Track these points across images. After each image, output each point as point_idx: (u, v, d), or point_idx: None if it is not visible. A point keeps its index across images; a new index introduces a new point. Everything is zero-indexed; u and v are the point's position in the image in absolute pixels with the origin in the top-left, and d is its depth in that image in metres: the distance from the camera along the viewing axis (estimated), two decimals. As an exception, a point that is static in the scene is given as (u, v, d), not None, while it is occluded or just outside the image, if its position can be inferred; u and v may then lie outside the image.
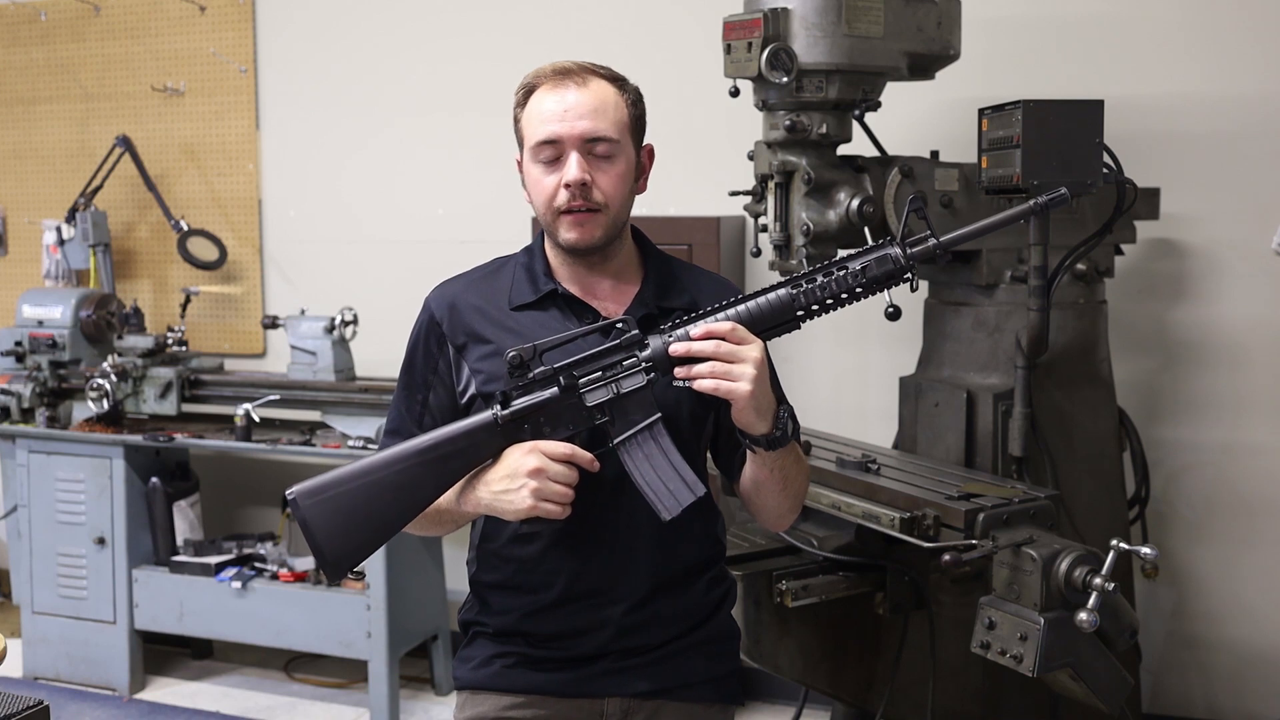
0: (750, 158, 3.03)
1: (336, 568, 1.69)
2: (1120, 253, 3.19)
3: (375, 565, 3.79)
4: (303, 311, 4.20)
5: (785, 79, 2.74)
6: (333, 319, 4.09)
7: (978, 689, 2.81)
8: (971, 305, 3.05)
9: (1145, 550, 2.20)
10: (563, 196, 1.74)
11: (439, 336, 1.85)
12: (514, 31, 4.18)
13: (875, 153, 3.04)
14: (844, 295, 1.67)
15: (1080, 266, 2.96)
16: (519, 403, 1.69)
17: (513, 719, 1.86)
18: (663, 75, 4.04)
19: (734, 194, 3.17)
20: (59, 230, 4.64)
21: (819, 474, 2.69)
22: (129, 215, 4.78)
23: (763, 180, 2.95)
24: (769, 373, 1.72)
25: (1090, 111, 2.66)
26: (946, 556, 2.28)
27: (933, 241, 1.67)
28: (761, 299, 1.68)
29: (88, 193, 4.57)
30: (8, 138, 4.98)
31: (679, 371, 1.65)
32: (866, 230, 2.83)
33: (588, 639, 1.82)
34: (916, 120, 3.50)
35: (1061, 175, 2.62)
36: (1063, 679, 2.29)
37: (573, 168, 1.73)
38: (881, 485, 2.58)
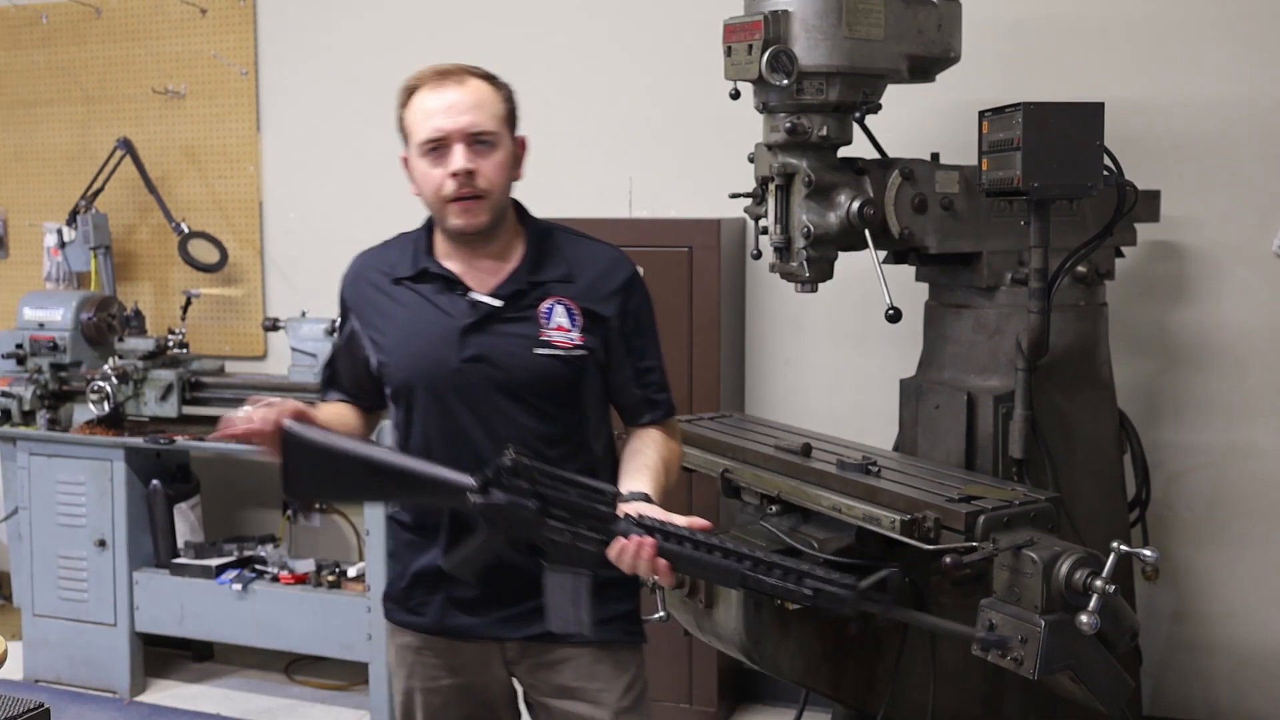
0: (751, 160, 3.02)
1: (292, 496, 1.93)
2: (1121, 255, 3.19)
3: (375, 567, 3.78)
4: (303, 314, 4.20)
5: (785, 81, 2.74)
6: (333, 321, 4.08)
7: (978, 691, 2.81)
8: (972, 308, 3.05)
9: (1146, 553, 2.19)
10: (450, 186, 1.92)
11: (344, 306, 2.10)
12: (514, 37, 4.18)
13: (876, 155, 3.04)
14: (783, 598, 1.81)
15: (1081, 269, 2.96)
16: (496, 496, 1.83)
17: (423, 662, 2.09)
18: (663, 77, 4.05)
19: (734, 196, 3.16)
20: (60, 233, 4.65)
21: (819, 476, 2.69)
22: (130, 218, 4.78)
23: (763, 182, 2.95)
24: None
25: (1091, 114, 2.66)
26: (947, 559, 2.28)
27: (884, 607, 1.79)
28: (718, 559, 1.78)
29: (88, 195, 4.57)
30: (9, 140, 4.98)
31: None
32: (867, 232, 2.82)
33: (478, 587, 1.99)
34: (917, 123, 3.50)
35: (1062, 177, 2.62)
36: (1063, 681, 2.29)
37: (458, 158, 1.91)
38: (882, 487, 2.57)
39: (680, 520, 1.81)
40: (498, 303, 1.97)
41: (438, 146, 1.92)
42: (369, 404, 2.14)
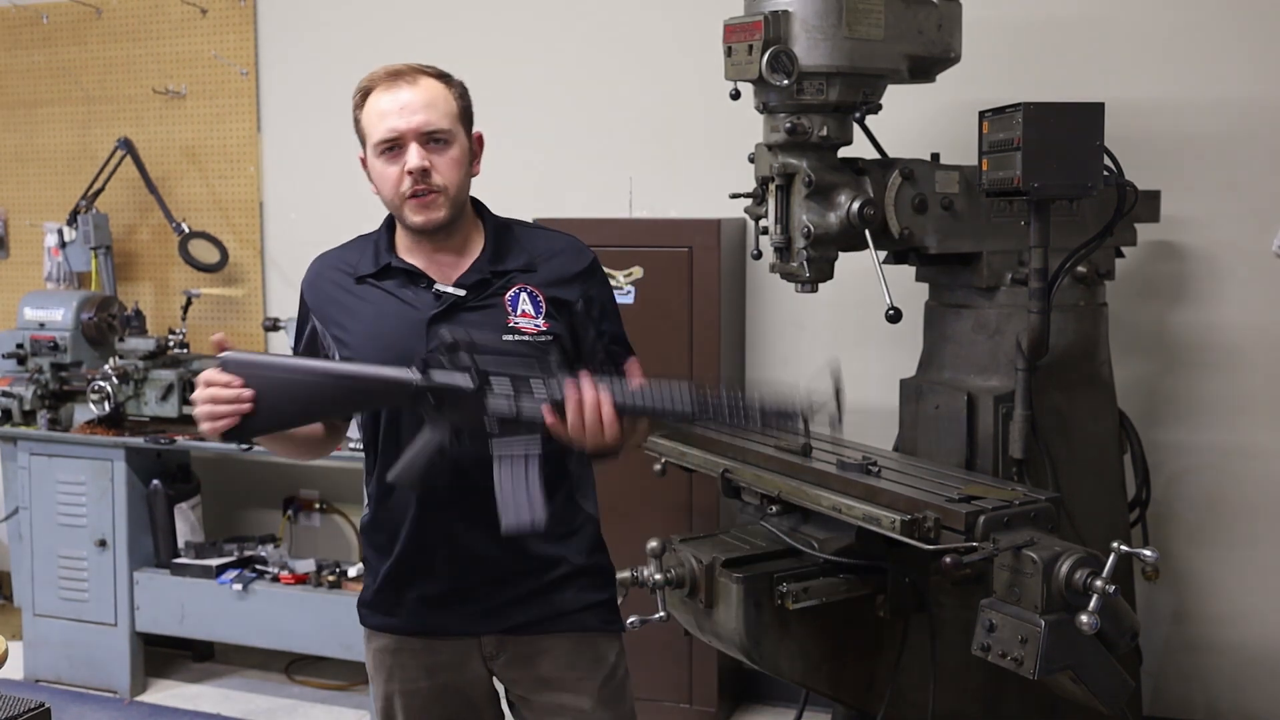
0: (751, 160, 3.03)
1: (230, 434, 1.87)
2: (1121, 255, 3.19)
3: (376, 567, 3.79)
4: (304, 314, 4.20)
5: (786, 81, 2.74)
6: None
7: (978, 691, 2.81)
8: (972, 308, 3.05)
9: (1146, 553, 2.20)
10: (406, 183, 1.95)
11: (304, 308, 2.10)
12: (514, 35, 4.18)
13: (876, 155, 3.04)
14: (730, 420, 1.78)
15: (1081, 269, 2.96)
16: (437, 376, 1.82)
17: (401, 660, 2.09)
18: (664, 77, 4.05)
19: (735, 196, 3.17)
20: (60, 233, 4.65)
21: (819, 476, 2.70)
22: (130, 218, 4.78)
23: (763, 183, 2.95)
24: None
25: (1091, 114, 2.66)
26: (947, 559, 2.28)
27: (834, 426, 1.80)
28: (665, 390, 1.79)
29: (89, 195, 4.58)
30: (9, 141, 4.98)
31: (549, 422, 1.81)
32: (867, 232, 2.82)
33: (449, 582, 2.02)
34: (917, 123, 3.50)
35: (1062, 178, 2.62)
36: (1063, 681, 2.29)
37: (413, 156, 1.94)
38: (882, 487, 2.57)
39: None
40: (461, 292, 1.99)
41: (393, 146, 1.96)
42: None
